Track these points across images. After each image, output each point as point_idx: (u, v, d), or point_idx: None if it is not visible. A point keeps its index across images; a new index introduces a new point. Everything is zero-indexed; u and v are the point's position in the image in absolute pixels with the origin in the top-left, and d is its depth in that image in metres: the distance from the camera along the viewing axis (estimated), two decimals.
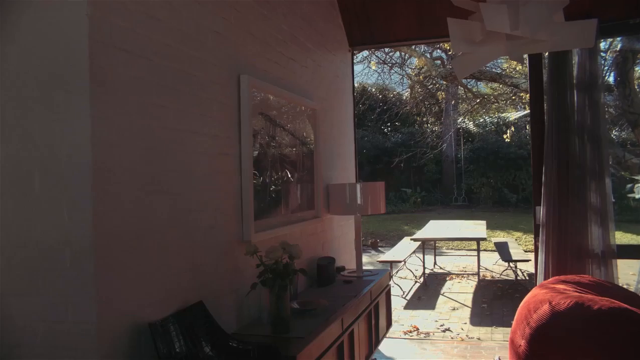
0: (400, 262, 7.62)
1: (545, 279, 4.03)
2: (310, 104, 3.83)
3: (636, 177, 6.44)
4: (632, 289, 5.86)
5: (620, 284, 3.99)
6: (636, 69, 7.40)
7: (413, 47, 9.17)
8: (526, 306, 3.31)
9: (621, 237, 10.64)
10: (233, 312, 2.68)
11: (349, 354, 3.08)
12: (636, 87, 6.34)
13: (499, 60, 10.61)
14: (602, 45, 7.15)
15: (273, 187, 3.24)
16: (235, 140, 2.81)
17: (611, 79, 6.54)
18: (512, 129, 14.43)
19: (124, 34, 1.98)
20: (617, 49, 6.50)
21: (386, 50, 10.45)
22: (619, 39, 6.47)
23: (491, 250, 10.00)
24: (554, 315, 3.02)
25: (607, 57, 7.16)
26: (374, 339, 3.76)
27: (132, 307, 1.97)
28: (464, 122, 17.65)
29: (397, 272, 8.34)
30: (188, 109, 2.38)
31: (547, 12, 2.59)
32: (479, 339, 5.19)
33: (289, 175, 3.50)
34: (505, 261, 7.58)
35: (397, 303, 6.69)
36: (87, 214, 1.80)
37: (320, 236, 4.04)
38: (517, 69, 9.05)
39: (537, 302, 3.20)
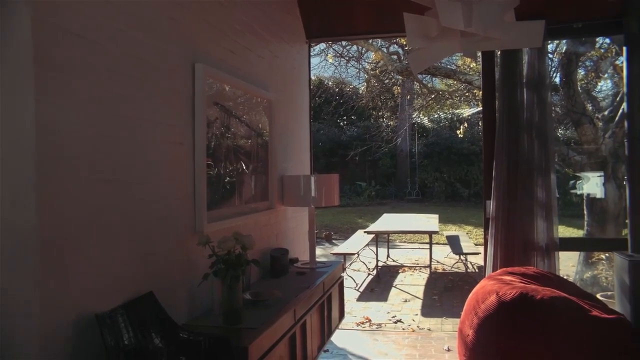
0: (353, 254, 7.70)
1: (493, 270, 4.16)
2: (266, 95, 3.81)
3: (578, 174, 6.72)
4: (571, 279, 6.13)
5: (561, 275, 4.16)
6: (579, 71, 7.70)
7: (370, 41, 9.22)
8: (475, 297, 3.41)
9: (564, 231, 11.06)
10: (184, 303, 2.64)
11: (301, 345, 3.09)
12: (579, 88, 6.60)
13: (454, 57, 10.81)
14: (550, 47, 7.40)
15: (227, 177, 3.21)
16: (189, 129, 2.76)
17: (558, 80, 6.79)
18: (465, 125, 14.75)
19: (73, 16, 1.91)
20: (563, 51, 6.75)
21: (343, 43, 10.47)
22: (564, 41, 6.71)
23: (443, 244, 10.23)
24: (501, 306, 3.12)
25: (554, 58, 7.42)
26: (327, 330, 3.79)
27: (78, 297, 1.91)
28: (418, 117, 17.93)
29: (350, 265, 8.43)
30: (141, 96, 2.32)
31: (499, 11, 2.67)
32: (429, 329, 5.31)
33: (244, 166, 3.48)
34: (456, 254, 7.78)
35: (350, 295, 6.76)
36: (30, 201, 1.73)
37: (274, 227, 4.03)
38: (472, 66, 9.24)
39: (485, 293, 3.30)
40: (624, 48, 3.99)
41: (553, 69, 7.27)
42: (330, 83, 17.72)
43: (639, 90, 3.93)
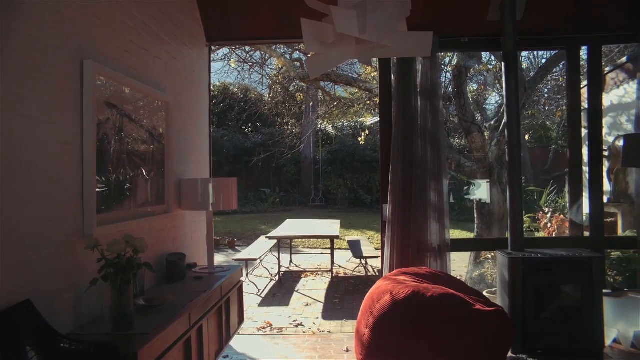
0: (255, 260, 7.65)
1: (390, 271, 4.31)
2: (163, 97, 3.70)
3: (472, 181, 7.16)
4: (464, 278, 6.50)
5: (455, 275, 4.40)
6: (472, 84, 8.24)
7: (273, 47, 9.25)
8: (370, 297, 3.52)
9: (459, 235, 11.74)
10: (70, 310, 2.49)
11: (197, 350, 3.02)
12: (470, 99, 7.04)
13: (355, 66, 11.11)
14: (447, 59, 7.87)
15: (120, 179, 3.08)
16: (77, 129, 2.62)
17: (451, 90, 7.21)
18: (367, 132, 15.20)
19: None
20: (454, 64, 7.19)
21: (247, 49, 10.41)
22: (456, 55, 7.16)
23: (345, 249, 10.44)
24: (394, 304, 3.25)
25: (448, 70, 7.88)
26: (225, 335, 3.73)
27: None
28: (322, 124, 18.22)
29: (253, 271, 8.38)
30: (19, 92, 2.17)
31: (391, 21, 2.79)
32: (329, 332, 5.38)
33: (139, 168, 3.35)
34: (357, 258, 7.97)
35: (252, 301, 6.72)
36: None
37: (171, 232, 3.92)
38: (373, 75, 9.52)
39: (380, 293, 3.42)
40: (503, 64, 4.33)
41: (447, 80, 7.71)
42: (235, 89, 17.55)
43: (516, 102, 4.28)
